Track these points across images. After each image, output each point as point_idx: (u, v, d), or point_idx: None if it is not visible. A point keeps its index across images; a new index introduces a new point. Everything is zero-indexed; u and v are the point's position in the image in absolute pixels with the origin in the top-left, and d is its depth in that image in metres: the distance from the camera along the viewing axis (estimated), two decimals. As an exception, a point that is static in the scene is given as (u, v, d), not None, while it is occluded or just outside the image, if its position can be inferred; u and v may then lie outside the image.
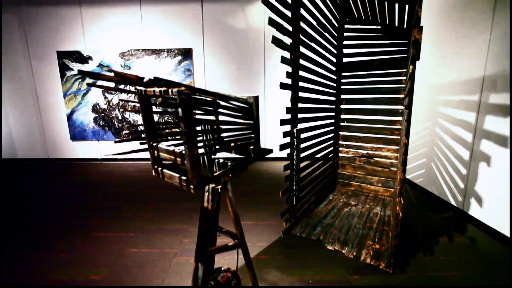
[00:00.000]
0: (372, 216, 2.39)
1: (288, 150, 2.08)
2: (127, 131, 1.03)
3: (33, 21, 4.24)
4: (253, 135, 0.96)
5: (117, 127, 4.48)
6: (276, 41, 1.77)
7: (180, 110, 0.69)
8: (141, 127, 1.00)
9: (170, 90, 0.69)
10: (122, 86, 4.31)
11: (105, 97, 4.40)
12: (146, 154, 1.18)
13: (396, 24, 2.39)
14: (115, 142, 0.88)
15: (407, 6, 2.13)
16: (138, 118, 4.46)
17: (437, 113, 2.84)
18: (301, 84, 2.07)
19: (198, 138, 1.02)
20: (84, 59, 4.28)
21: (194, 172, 0.79)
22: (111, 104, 4.42)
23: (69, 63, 4.30)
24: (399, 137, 2.57)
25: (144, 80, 0.70)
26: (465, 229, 2.28)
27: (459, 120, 2.55)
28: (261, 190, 3.18)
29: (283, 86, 1.88)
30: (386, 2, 2.17)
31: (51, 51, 4.31)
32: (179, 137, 0.92)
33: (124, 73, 0.66)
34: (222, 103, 0.82)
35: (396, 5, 2.19)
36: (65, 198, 3.00)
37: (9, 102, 4.49)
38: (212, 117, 1.11)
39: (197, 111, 0.86)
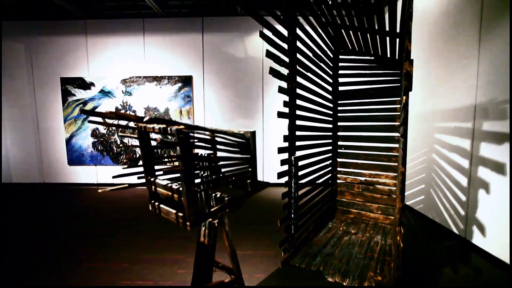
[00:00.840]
0: (373, 245, 2.33)
1: (286, 178, 2.08)
2: (126, 164, 1.03)
3: (40, 50, 4.40)
4: (250, 169, 0.97)
5: (115, 151, 4.48)
6: (273, 72, 1.83)
7: (178, 148, 0.70)
8: (138, 150, 1.00)
9: (169, 128, 0.71)
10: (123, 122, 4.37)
11: (105, 121, 4.44)
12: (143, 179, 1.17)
13: (389, 56, 2.50)
14: (113, 177, 0.88)
15: (397, 40, 2.24)
16: (137, 142, 4.48)
17: (433, 140, 2.88)
18: (298, 112, 2.12)
19: (195, 171, 1.02)
20: (87, 85, 4.39)
21: (191, 209, 0.78)
22: (110, 129, 4.46)
23: (72, 89, 4.40)
24: (396, 163, 2.58)
25: (144, 120, 0.71)
26: (469, 259, 2.22)
27: (454, 146, 2.58)
28: (259, 217, 3.12)
29: (280, 115, 1.92)
30: (377, 36, 2.29)
31: (55, 77, 4.43)
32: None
33: (125, 114, 0.68)
34: (220, 139, 0.84)
35: (387, 38, 2.30)
36: (57, 225, 2.92)
37: (9, 126, 4.52)
38: (210, 151, 1.13)
39: (195, 144, 0.87)
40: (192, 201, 0.78)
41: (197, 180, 0.83)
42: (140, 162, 0.90)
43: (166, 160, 1.02)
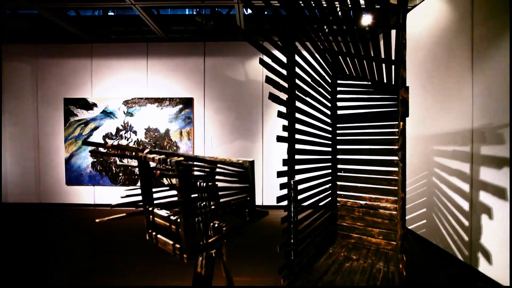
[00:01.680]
0: (375, 273, 2.26)
1: (285, 202, 2.05)
2: (124, 185, 1.03)
3: (46, 71, 4.52)
4: (248, 198, 0.97)
5: (114, 172, 4.46)
6: (272, 97, 1.87)
7: (177, 180, 0.70)
8: (137, 170, 1.00)
9: (168, 160, 0.72)
10: (122, 136, 4.41)
11: (106, 142, 4.47)
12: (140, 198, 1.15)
13: (385, 81, 2.56)
14: (111, 207, 0.87)
15: (393, 66, 2.31)
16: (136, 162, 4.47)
17: (432, 163, 2.89)
18: (297, 136, 2.14)
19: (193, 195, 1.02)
20: (89, 106, 4.46)
21: (188, 241, 0.77)
22: (110, 150, 4.47)
23: (74, 109, 4.47)
24: (396, 187, 2.56)
25: (145, 152, 0.72)
26: (475, 288, 2.14)
27: (454, 170, 2.57)
28: (258, 241, 3.05)
29: (279, 139, 1.93)
30: (373, 62, 2.36)
31: (58, 98, 4.51)
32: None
33: (126, 146, 0.70)
34: (218, 170, 0.84)
35: (383, 65, 2.38)
36: (49, 248, 2.85)
37: (9, 145, 4.54)
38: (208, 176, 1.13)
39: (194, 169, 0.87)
40: (190, 233, 0.77)
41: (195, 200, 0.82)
42: (139, 191, 0.89)
43: (164, 188, 1.02)
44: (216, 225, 0.94)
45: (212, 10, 2.75)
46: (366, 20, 2.27)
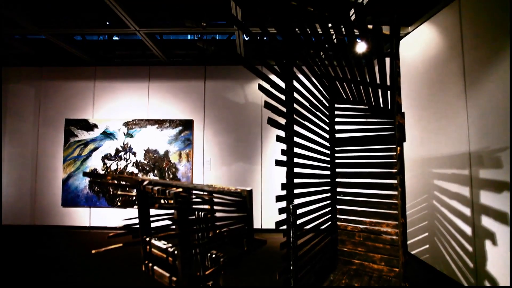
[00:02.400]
0: (379, 302, 2.17)
1: (284, 226, 2.02)
2: (121, 207, 1.02)
3: (49, 93, 4.61)
4: (246, 227, 0.96)
5: (111, 193, 4.41)
6: (271, 122, 1.90)
7: (175, 212, 0.70)
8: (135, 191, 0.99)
9: (167, 192, 0.72)
10: (122, 154, 4.42)
11: (104, 163, 4.46)
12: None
13: (381, 105, 2.62)
14: (108, 237, 0.86)
15: (388, 92, 2.37)
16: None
17: (432, 186, 2.87)
18: (296, 160, 2.14)
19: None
20: (90, 127, 4.50)
21: (185, 274, 0.75)
22: (109, 170, 4.45)
23: (75, 130, 4.50)
24: (396, 211, 2.53)
25: (144, 184, 0.73)
26: (483, 319, 2.06)
27: (454, 193, 2.56)
28: (257, 268, 2.95)
29: (278, 163, 1.94)
30: (369, 87, 2.43)
31: (60, 118, 4.56)
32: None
33: (125, 177, 0.70)
34: (216, 199, 0.84)
35: (379, 90, 2.44)
36: (40, 274, 2.74)
37: (7, 166, 4.52)
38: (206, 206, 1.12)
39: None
40: (186, 265, 0.76)
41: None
42: (137, 220, 0.88)
43: (162, 217, 1.01)
44: (213, 255, 0.92)
45: (213, 38, 2.87)
46: (361, 47, 2.36)
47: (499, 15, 2.16)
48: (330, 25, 1.89)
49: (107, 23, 3.74)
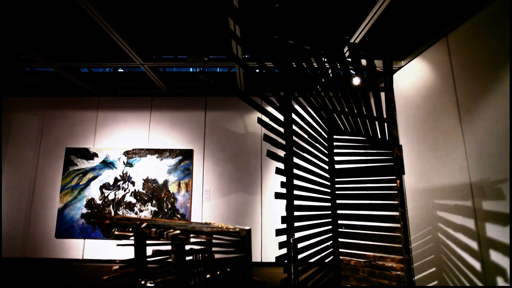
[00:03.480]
0: None
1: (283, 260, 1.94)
2: (117, 238, 0.98)
3: (52, 122, 4.69)
4: (245, 268, 0.92)
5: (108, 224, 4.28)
6: (270, 155, 1.92)
7: (172, 256, 0.68)
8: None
9: (165, 234, 0.71)
10: (121, 184, 4.38)
11: (102, 193, 4.40)
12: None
13: (379, 136, 2.65)
14: (101, 281, 0.83)
15: (385, 123, 2.42)
16: (132, 214, 4.33)
17: (436, 218, 2.81)
18: (296, 192, 2.12)
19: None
20: (90, 156, 4.51)
21: (180, 324, 0.71)
22: (106, 200, 4.38)
23: (75, 159, 4.50)
24: (400, 245, 2.45)
25: (142, 226, 0.72)
26: None
27: (459, 225, 2.50)
28: (257, 305, 2.78)
29: (278, 195, 1.92)
30: (366, 120, 2.48)
31: (61, 147, 4.59)
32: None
33: (124, 220, 0.69)
34: (215, 240, 0.82)
35: (376, 122, 2.49)
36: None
37: (4, 195, 4.45)
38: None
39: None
40: (182, 313, 0.72)
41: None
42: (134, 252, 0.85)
43: (158, 258, 0.97)
44: (211, 300, 0.88)
45: (214, 73, 2.99)
46: (356, 81, 2.45)
47: (484, 51, 2.28)
48: (325, 60, 1.99)
49: (113, 57, 3.92)
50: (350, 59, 1.90)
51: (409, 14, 2.87)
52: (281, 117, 2.20)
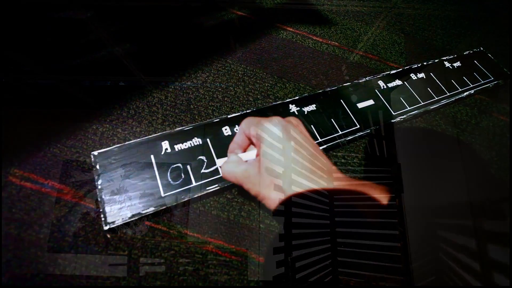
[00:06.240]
0: None
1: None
2: None
3: (50, 135, 4.67)
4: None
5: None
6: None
7: None
8: None
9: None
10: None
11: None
12: None
13: (377, 154, 2.66)
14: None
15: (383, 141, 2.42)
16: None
17: (437, 237, 2.76)
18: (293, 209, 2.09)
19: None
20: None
21: None
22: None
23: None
24: (401, 265, 2.38)
25: None
26: None
27: (461, 246, 2.44)
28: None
29: (276, 213, 1.88)
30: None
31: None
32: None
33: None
34: None
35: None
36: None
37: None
38: None
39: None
40: None
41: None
42: None
43: None
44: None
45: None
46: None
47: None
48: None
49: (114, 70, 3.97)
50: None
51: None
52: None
